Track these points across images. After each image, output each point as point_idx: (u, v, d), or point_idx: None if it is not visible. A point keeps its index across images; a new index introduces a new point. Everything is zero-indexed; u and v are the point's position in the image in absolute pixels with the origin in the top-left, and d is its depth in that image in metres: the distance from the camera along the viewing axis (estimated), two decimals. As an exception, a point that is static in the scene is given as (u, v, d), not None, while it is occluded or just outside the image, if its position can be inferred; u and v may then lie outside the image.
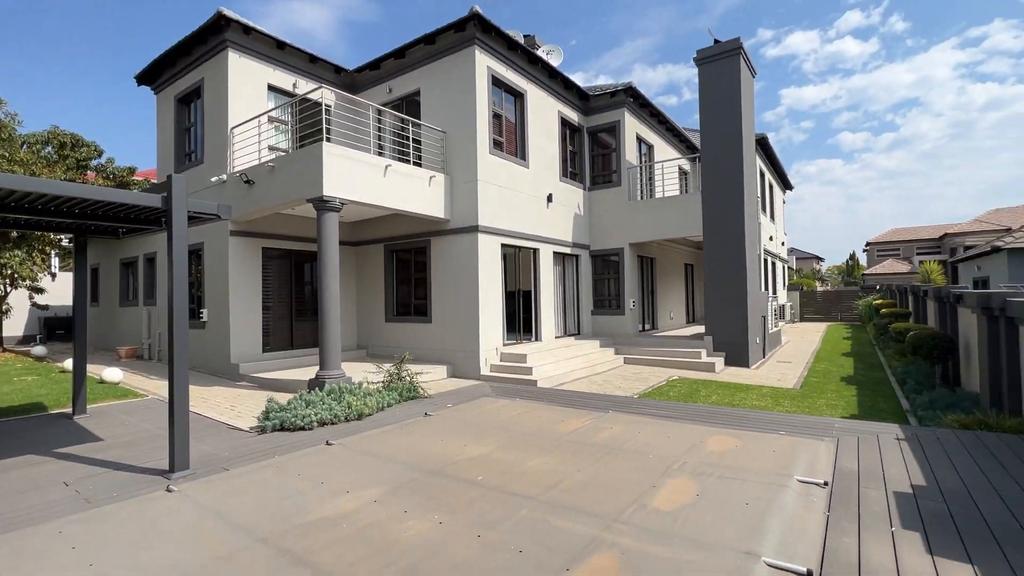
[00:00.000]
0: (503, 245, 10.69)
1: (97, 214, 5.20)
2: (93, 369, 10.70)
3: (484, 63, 10.25)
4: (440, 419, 6.16)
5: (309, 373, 8.95)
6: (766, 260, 18.26)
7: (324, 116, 8.55)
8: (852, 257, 55.35)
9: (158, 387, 8.78)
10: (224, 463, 4.61)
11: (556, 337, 12.41)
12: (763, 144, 17.74)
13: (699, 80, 12.28)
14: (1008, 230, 26.47)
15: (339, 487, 3.93)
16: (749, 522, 3.16)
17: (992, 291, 6.62)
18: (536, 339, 11.71)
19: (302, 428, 5.78)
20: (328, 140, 8.87)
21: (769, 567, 2.63)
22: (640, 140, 14.53)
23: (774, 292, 20.25)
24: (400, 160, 10.15)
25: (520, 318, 11.63)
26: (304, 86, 11.17)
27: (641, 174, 14.35)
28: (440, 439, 5.25)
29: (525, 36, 14.44)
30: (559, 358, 10.59)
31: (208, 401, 7.58)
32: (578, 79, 13.55)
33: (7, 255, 12.00)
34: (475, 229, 9.96)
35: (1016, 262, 17.48)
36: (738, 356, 11.57)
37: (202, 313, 10.44)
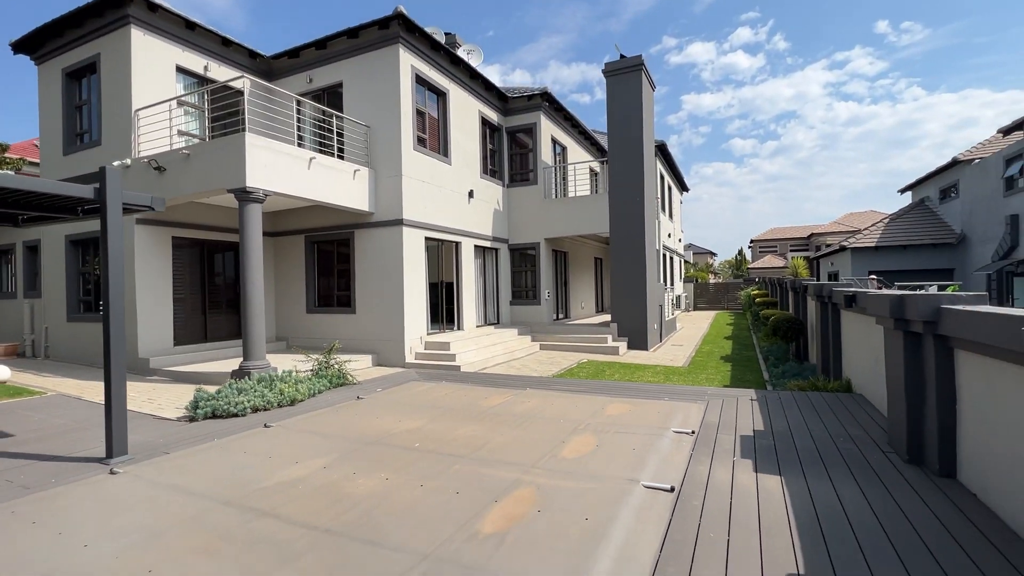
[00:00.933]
0: (426, 238, 11.15)
1: (6, 202, 5.01)
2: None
3: (408, 62, 10.58)
4: (372, 401, 6.61)
5: (227, 365, 8.87)
6: (665, 255, 20.28)
7: (245, 105, 8.47)
8: (740, 252, 61.82)
9: (56, 384, 8.24)
10: (163, 448, 4.77)
11: (477, 326, 13.11)
12: (663, 150, 19.62)
13: (607, 90, 13.51)
14: (857, 231, 31.32)
15: (287, 459, 4.33)
16: (634, 461, 4.07)
17: (824, 283, 8.32)
18: (459, 328, 12.33)
19: (235, 415, 5.96)
20: (249, 130, 8.78)
21: (645, 488, 3.53)
22: (555, 142, 15.57)
23: (671, 284, 22.48)
24: (322, 152, 10.22)
25: (443, 308, 12.17)
26: (216, 69, 10.76)
27: (556, 174, 15.41)
28: (375, 417, 5.74)
29: (447, 34, 14.84)
30: (481, 345, 11.31)
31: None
32: (494, 71, 14.35)
33: None
34: (399, 223, 10.33)
35: (858, 259, 21.01)
36: (639, 340, 13.02)
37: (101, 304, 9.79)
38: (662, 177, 20.14)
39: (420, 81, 11.09)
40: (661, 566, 2.53)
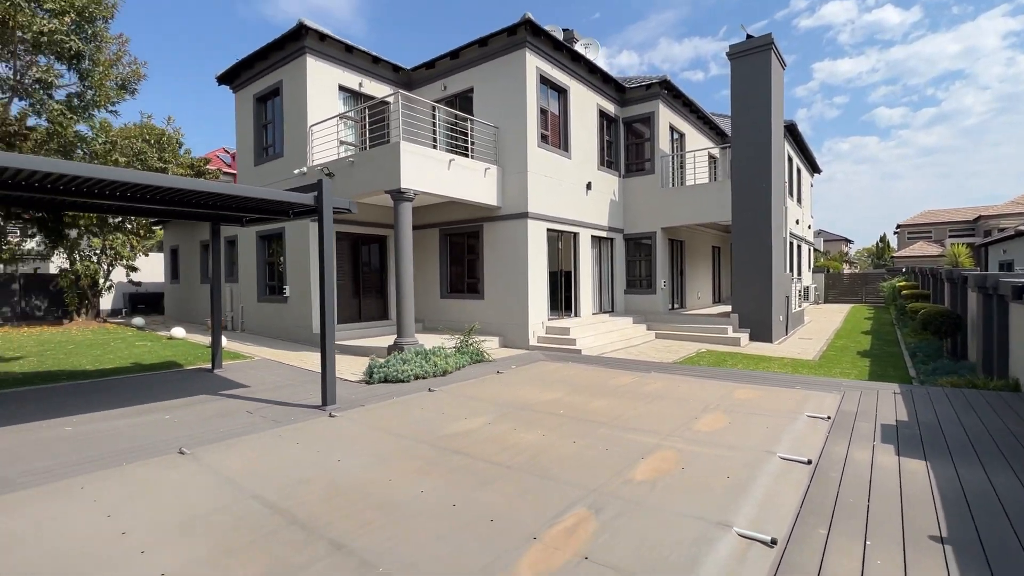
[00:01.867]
0: (548, 230, 11.86)
1: (245, 207, 6.55)
2: (198, 338, 12.37)
3: (533, 64, 11.29)
4: (510, 376, 7.47)
5: (377, 341, 10.38)
6: (792, 243, 18.99)
7: (400, 117, 9.76)
8: (883, 239, 54.74)
9: (256, 351, 10.30)
10: (359, 402, 5.99)
11: (593, 314, 13.61)
12: (792, 131, 18.32)
13: (731, 72, 13.08)
14: (1041, 213, 26.37)
15: (455, 416, 5.27)
16: (768, 437, 4.37)
17: (989, 273, 7.55)
18: (575, 315, 12.93)
19: (401, 380, 7.16)
20: (403, 138, 10.09)
21: (782, 459, 3.85)
22: (673, 129, 15.39)
23: (798, 274, 20.96)
24: (454, 153, 11.34)
25: (562, 295, 12.84)
26: (368, 85, 12.38)
27: (673, 162, 15.25)
28: (517, 389, 6.56)
29: (564, 30, 15.31)
30: (598, 332, 11.82)
31: (307, 361, 9.04)
32: (602, 56, 14.33)
33: (111, 238, 13.69)
34: (525, 216, 11.15)
35: (1041, 245, 17.87)
36: (762, 332, 12.61)
37: (285, 289, 11.93)
38: (790, 159, 18.82)
39: (543, 81, 11.75)
40: (803, 516, 2.92)
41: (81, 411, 5.61)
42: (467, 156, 11.15)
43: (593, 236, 13.64)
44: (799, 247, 21.56)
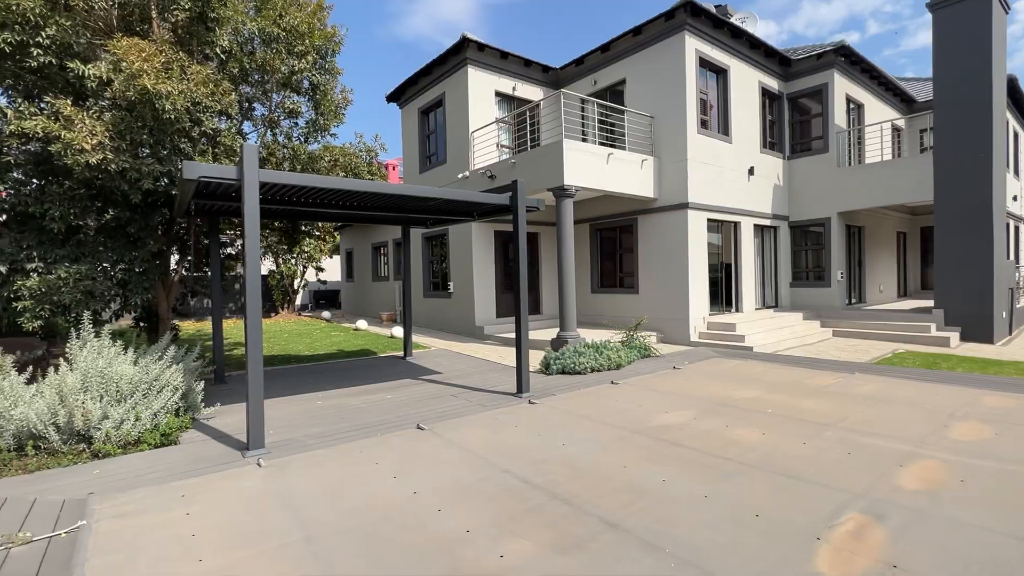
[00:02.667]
0: (708, 220, 11.25)
1: (446, 209, 7.20)
2: (376, 329, 13.98)
3: (692, 46, 10.77)
4: (689, 372, 7.24)
5: (536, 334, 10.76)
6: (1008, 224, 15.68)
7: (563, 114, 9.98)
8: None
9: (429, 342, 11.31)
10: (547, 392, 6.27)
11: (756, 309, 12.62)
12: (1012, 87, 15.10)
13: (933, 27, 11.17)
14: None
15: (654, 409, 5.25)
16: (1062, 454, 3.66)
17: None
18: (736, 310, 12.11)
19: (578, 372, 7.34)
20: (565, 136, 10.31)
21: (1098, 481, 3.19)
22: (849, 101, 13.61)
23: (1018, 262, 17.25)
24: (605, 146, 11.27)
25: (722, 290, 12.11)
26: (521, 88, 12.86)
27: (850, 138, 13.49)
28: (704, 385, 6.33)
29: (716, 6, 14.36)
30: (766, 328, 10.92)
31: (478, 351, 9.70)
32: (759, 29, 13.05)
33: (304, 242, 16.15)
34: (685, 206, 10.70)
35: None
36: (978, 331, 10.62)
37: (449, 285, 12.94)
38: (1006, 124, 15.52)
39: (702, 63, 11.15)
40: None
41: (321, 388, 6.67)
42: (622, 149, 11.03)
43: (755, 225, 12.64)
44: (1017, 228, 17.73)
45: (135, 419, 4.41)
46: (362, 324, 13.68)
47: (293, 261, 17.08)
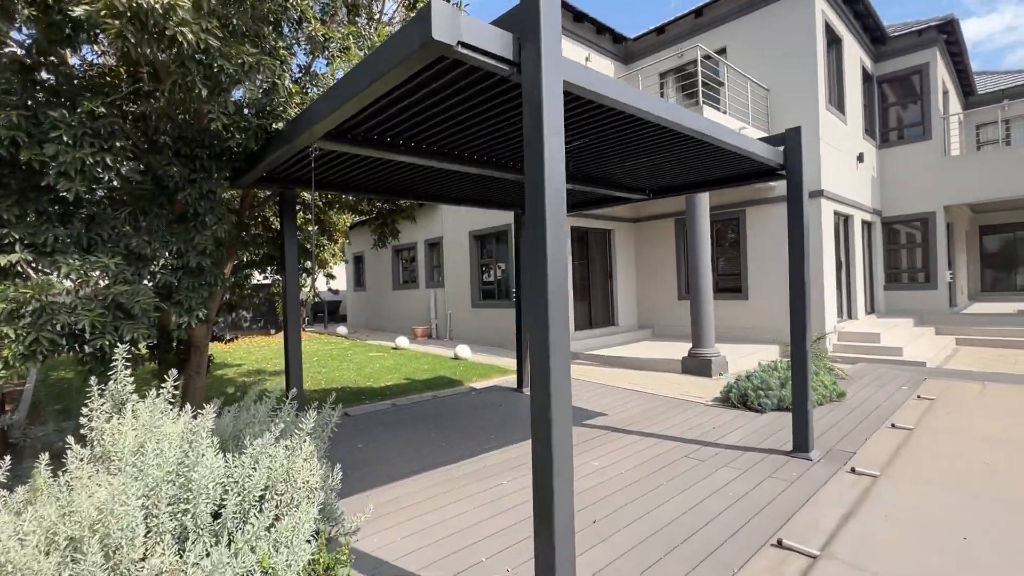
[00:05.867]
0: (835, 212, 9.59)
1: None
2: (418, 347, 11.53)
3: (820, 7, 9.12)
4: (948, 402, 5.35)
5: (632, 350, 8.83)
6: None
7: (727, 85, 8.04)
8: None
9: (507, 363, 9.03)
10: (826, 447, 4.22)
11: (865, 314, 11.06)
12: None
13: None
14: None
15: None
16: None
17: None
18: (851, 317, 10.49)
19: (781, 409, 5.33)
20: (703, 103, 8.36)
21: None
22: (943, 84, 12.40)
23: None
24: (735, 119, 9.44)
25: (843, 293, 10.46)
26: (595, 60, 10.88)
27: (946, 124, 12.25)
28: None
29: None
30: (901, 336, 9.34)
31: (590, 376, 7.53)
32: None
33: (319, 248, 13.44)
34: (820, 194, 8.98)
35: None
36: None
37: (514, 293, 10.68)
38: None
39: (825, 30, 9.54)
40: None
41: (464, 451, 4.37)
42: (745, 124, 9.21)
43: (863, 220, 11.12)
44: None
45: (267, 578, 2.05)
46: (402, 341, 11.19)
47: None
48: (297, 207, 4.82)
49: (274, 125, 3.43)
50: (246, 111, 3.53)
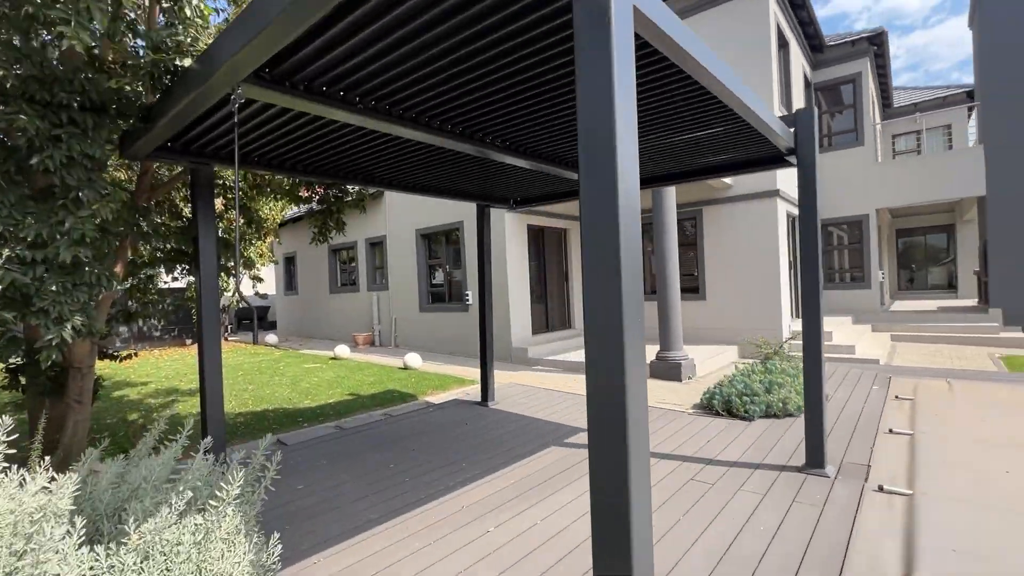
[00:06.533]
0: (787, 213, 9.68)
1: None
2: (360, 356, 10.48)
3: (772, 10, 9.17)
4: (929, 403, 5.26)
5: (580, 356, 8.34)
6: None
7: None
8: None
9: (462, 372, 8.29)
10: (841, 460, 3.87)
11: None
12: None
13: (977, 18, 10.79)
14: None
15: None
16: None
17: None
18: (797, 316, 10.69)
19: (745, 417, 5.04)
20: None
21: None
22: (872, 93, 13.10)
23: None
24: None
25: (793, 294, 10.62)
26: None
27: (877, 132, 12.94)
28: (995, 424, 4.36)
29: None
30: (849, 334, 9.59)
31: (559, 385, 6.98)
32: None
33: (244, 246, 11.87)
34: (775, 194, 8.98)
35: None
36: (1042, 330, 10.17)
37: (467, 296, 9.95)
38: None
39: (777, 33, 9.63)
40: None
41: (441, 486, 3.62)
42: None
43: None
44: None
45: None
46: (342, 350, 10.08)
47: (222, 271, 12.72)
48: (216, 191, 3.86)
49: (178, 62, 2.50)
50: (138, 43, 2.58)
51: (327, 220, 5.35)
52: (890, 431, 4.35)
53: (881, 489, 3.22)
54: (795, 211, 10.20)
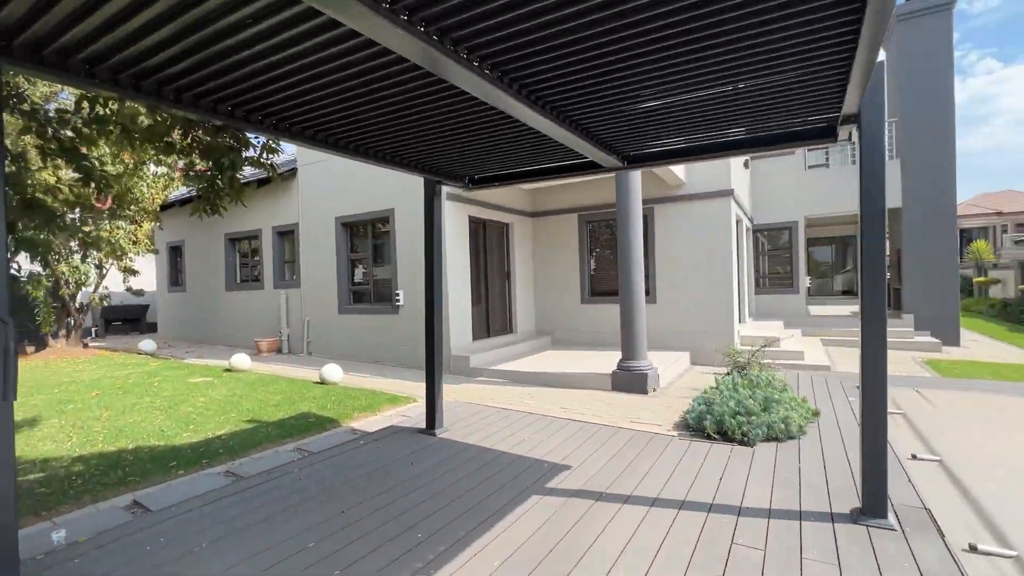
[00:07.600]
0: (735, 216, 9.43)
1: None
2: (262, 367, 8.71)
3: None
4: (923, 417, 4.89)
5: (537, 363, 7.53)
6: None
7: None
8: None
9: (396, 386, 6.97)
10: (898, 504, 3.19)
11: (748, 317, 11.33)
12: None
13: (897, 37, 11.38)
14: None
15: None
16: None
17: None
18: (741, 320, 10.57)
19: (746, 441, 4.39)
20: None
21: None
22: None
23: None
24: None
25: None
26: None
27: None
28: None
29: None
30: (790, 339, 9.57)
31: (514, 404, 5.94)
32: None
33: (110, 227, 9.39)
34: (728, 194, 8.63)
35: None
36: (947, 334, 10.91)
37: (397, 296, 8.59)
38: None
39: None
40: None
41: (434, 559, 2.42)
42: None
43: (746, 226, 11.39)
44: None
45: None
46: (240, 360, 8.23)
47: (79, 257, 9.86)
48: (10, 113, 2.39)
49: None
50: None
51: (215, 180, 3.72)
52: (913, 457, 3.81)
53: (975, 549, 2.54)
54: (739, 214, 10.04)
